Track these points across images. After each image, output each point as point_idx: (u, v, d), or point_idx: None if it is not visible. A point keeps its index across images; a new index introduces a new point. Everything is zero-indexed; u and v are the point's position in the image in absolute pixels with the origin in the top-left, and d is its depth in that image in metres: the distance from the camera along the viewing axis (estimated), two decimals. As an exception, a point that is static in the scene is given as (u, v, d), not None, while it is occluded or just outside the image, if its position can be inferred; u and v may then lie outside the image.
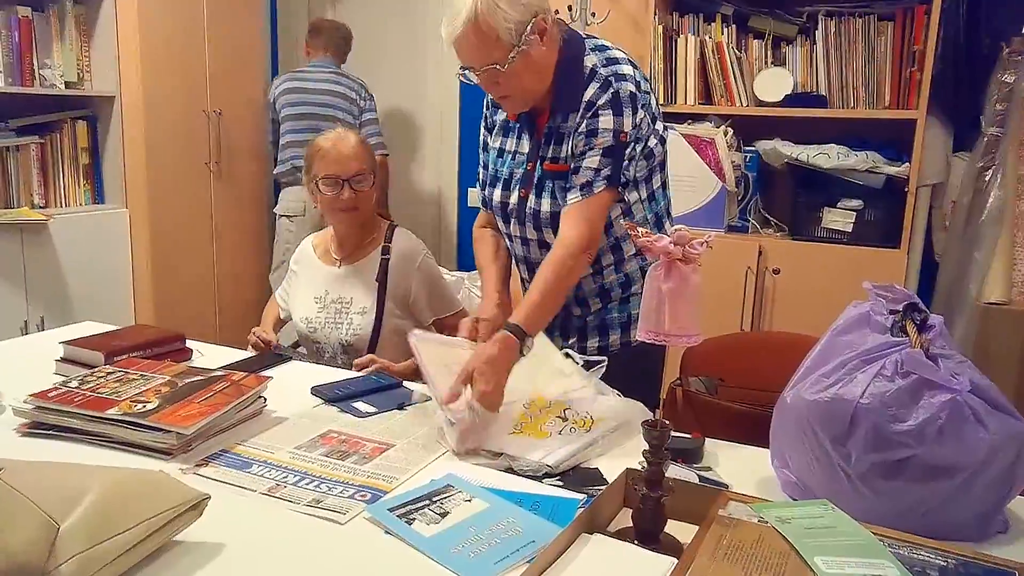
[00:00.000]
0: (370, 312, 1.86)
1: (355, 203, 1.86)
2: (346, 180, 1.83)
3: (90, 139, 3.17)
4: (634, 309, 1.60)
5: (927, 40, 2.61)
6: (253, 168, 3.67)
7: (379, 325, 1.85)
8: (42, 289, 2.89)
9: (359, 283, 1.90)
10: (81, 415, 1.24)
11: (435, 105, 3.99)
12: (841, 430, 1.01)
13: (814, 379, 1.06)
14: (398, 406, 1.44)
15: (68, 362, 1.60)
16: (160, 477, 0.97)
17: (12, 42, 2.83)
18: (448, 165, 4.01)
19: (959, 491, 0.97)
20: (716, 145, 2.89)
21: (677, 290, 0.98)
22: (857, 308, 1.10)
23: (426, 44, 4.02)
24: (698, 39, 2.94)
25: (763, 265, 2.85)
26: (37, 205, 3.01)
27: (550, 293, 1.42)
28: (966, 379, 0.98)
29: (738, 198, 2.99)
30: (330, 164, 1.84)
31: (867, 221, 2.77)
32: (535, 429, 1.30)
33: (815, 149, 2.82)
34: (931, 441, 0.95)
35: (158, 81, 3.15)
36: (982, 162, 2.65)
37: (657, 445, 0.95)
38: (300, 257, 2.02)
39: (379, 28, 4.44)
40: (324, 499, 1.08)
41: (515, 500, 1.08)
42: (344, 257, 1.94)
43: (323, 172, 1.84)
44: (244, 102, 3.57)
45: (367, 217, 1.92)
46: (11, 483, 0.84)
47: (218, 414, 1.25)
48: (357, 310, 1.88)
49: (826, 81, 2.84)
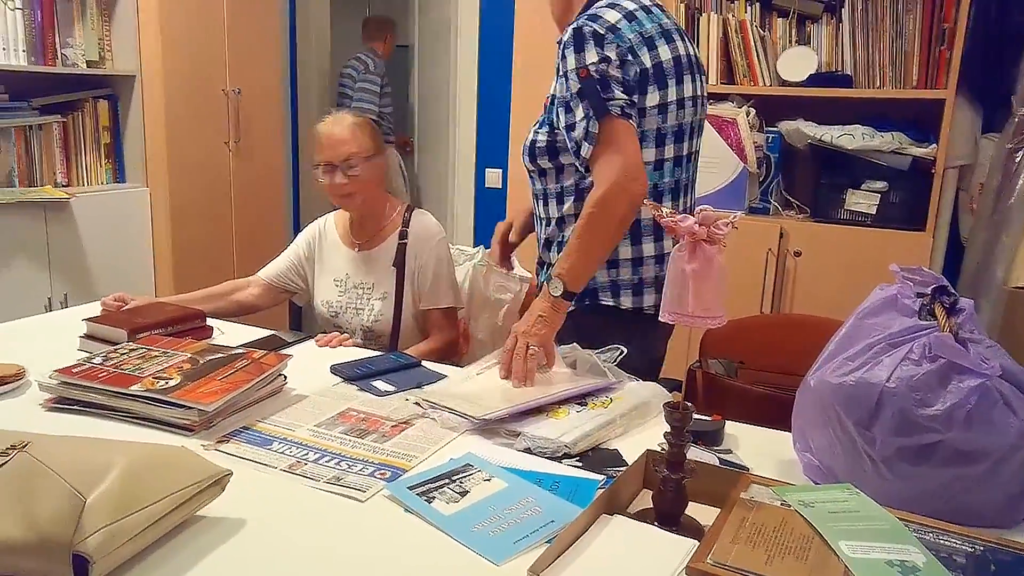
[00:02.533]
0: (390, 297, 1.85)
1: (350, 189, 1.82)
2: (338, 166, 1.81)
3: (111, 118, 3.18)
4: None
5: (958, 18, 2.55)
6: (272, 147, 3.68)
7: (399, 312, 1.84)
8: (65, 266, 2.92)
9: (379, 268, 1.88)
10: (105, 391, 1.25)
11: (455, 86, 3.97)
12: (866, 414, 0.99)
13: (839, 362, 1.05)
14: (417, 385, 1.44)
15: (92, 339, 1.61)
16: (183, 452, 0.98)
17: (35, 21, 2.84)
18: (466, 145, 3.99)
19: (986, 477, 0.95)
20: (738, 125, 2.85)
21: (702, 271, 0.97)
22: (884, 291, 1.08)
23: (448, 26, 4.00)
24: (721, 17, 2.89)
25: (784, 247, 2.82)
26: (60, 184, 3.03)
27: (580, 242, 1.42)
28: (996, 364, 0.97)
29: (760, 179, 2.95)
30: (324, 150, 1.83)
31: (891, 203, 2.73)
32: (553, 410, 1.29)
33: (839, 130, 2.77)
34: (959, 426, 0.94)
35: (178, 60, 3.15)
36: (1012, 143, 2.60)
37: (679, 427, 0.95)
38: (322, 236, 2.00)
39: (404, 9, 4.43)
40: (344, 477, 1.09)
41: (534, 480, 1.08)
42: (363, 241, 1.92)
43: (317, 159, 1.83)
44: (263, 81, 3.57)
45: (370, 202, 1.88)
46: (38, 457, 0.85)
47: (239, 391, 1.26)
48: (379, 295, 1.87)
49: (852, 60, 2.78)
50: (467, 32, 3.82)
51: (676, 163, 1.56)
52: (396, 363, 1.55)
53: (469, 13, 3.79)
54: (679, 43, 1.53)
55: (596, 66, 1.42)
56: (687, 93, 1.53)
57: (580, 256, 1.41)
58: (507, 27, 3.38)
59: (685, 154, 1.57)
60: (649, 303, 1.57)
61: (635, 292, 1.57)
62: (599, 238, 1.41)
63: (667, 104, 1.49)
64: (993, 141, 2.72)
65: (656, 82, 1.47)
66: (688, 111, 1.54)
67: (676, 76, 1.50)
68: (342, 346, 1.68)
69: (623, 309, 1.57)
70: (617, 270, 1.56)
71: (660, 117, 1.49)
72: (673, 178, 1.56)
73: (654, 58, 1.47)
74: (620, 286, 1.56)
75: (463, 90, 3.91)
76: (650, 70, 1.46)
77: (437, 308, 1.88)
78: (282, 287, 2.03)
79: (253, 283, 2.03)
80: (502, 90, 3.56)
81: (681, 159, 1.56)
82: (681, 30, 1.58)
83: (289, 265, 2.02)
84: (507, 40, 3.37)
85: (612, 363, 1.44)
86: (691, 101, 1.55)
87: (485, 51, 3.82)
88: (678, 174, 1.57)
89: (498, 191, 3.93)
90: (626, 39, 1.44)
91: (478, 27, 3.81)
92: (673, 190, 1.57)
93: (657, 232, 1.55)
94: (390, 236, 1.89)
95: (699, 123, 1.61)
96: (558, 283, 1.40)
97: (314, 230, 2.01)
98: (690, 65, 1.55)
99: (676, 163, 1.56)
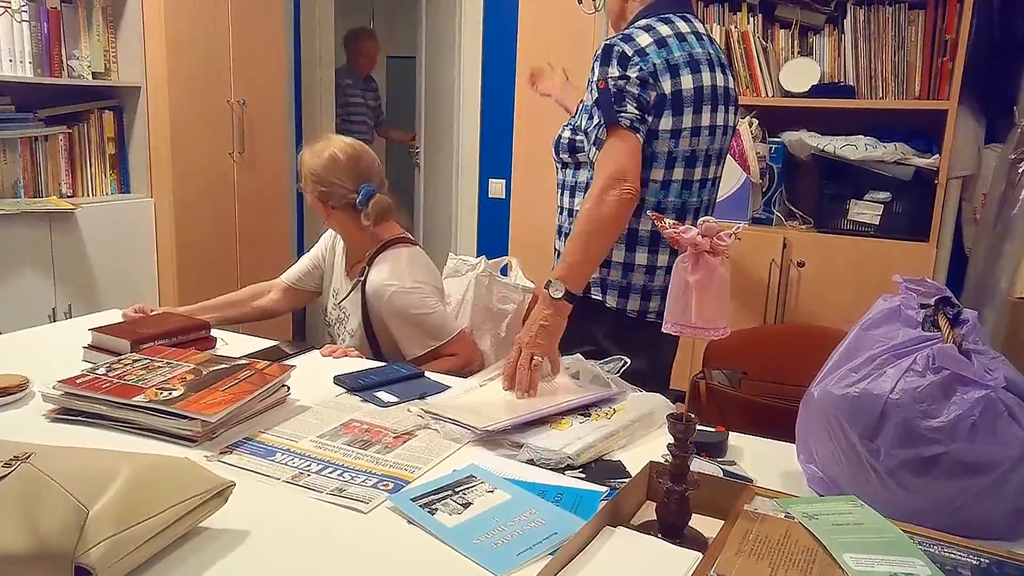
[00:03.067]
0: (358, 335, 1.84)
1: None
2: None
3: (116, 129, 3.20)
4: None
5: (959, 29, 2.56)
6: (276, 157, 3.69)
7: (375, 344, 1.83)
8: (70, 277, 2.93)
9: (351, 302, 1.87)
10: (108, 402, 1.25)
11: (459, 96, 3.98)
12: (870, 425, 0.99)
13: (842, 373, 1.04)
14: (420, 395, 1.44)
15: (95, 349, 1.61)
16: (186, 463, 0.98)
17: (41, 33, 2.87)
18: (470, 155, 4.00)
19: (991, 489, 0.95)
20: (741, 136, 2.86)
21: (704, 282, 0.97)
22: (887, 302, 1.08)
23: (452, 36, 4.02)
24: (723, 29, 2.90)
25: (788, 258, 2.82)
26: (65, 194, 3.05)
27: (576, 241, 1.49)
28: (1000, 375, 0.96)
29: (763, 190, 2.95)
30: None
31: (895, 213, 2.73)
32: (556, 421, 1.29)
33: (842, 140, 2.78)
34: (963, 438, 0.93)
35: (183, 71, 3.17)
36: (1015, 154, 2.60)
37: (683, 439, 0.94)
38: (335, 244, 2.01)
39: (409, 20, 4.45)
40: (347, 488, 1.08)
41: (538, 492, 1.08)
42: (348, 267, 1.92)
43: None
44: (267, 91, 3.59)
45: (340, 232, 1.91)
46: (41, 468, 0.85)
47: (242, 402, 1.26)
48: (350, 329, 1.87)
49: (854, 71, 2.79)
50: (471, 43, 3.84)
51: (684, 186, 1.60)
52: (399, 374, 1.55)
53: (473, 24, 3.81)
54: (707, 73, 1.57)
55: (615, 81, 1.51)
56: (705, 122, 1.57)
57: (575, 254, 1.48)
58: (511, 38, 3.40)
59: (697, 179, 1.61)
60: (632, 307, 1.65)
61: (621, 294, 1.64)
62: (590, 235, 1.49)
63: (681, 130, 1.55)
64: (996, 151, 2.72)
65: (672, 108, 1.53)
66: (704, 139, 1.58)
67: (695, 105, 1.55)
68: (346, 356, 1.69)
69: (608, 307, 1.65)
70: (608, 270, 1.64)
71: (672, 141, 1.55)
72: (680, 199, 1.61)
73: (675, 85, 1.53)
74: (608, 285, 1.65)
75: (467, 100, 3.92)
76: (668, 96, 1.52)
77: (444, 342, 1.79)
78: (304, 288, 2.05)
79: (275, 287, 2.05)
80: (506, 101, 3.57)
81: (691, 183, 1.61)
82: (718, 61, 1.61)
83: (312, 265, 2.03)
84: (511, 51, 3.38)
85: (615, 374, 1.44)
86: (710, 130, 1.59)
87: (489, 61, 3.84)
88: (686, 196, 1.61)
89: (501, 201, 3.94)
90: (651, 63, 1.51)
91: (481, 38, 3.83)
92: (679, 210, 1.61)
93: (652, 244, 1.61)
94: (360, 274, 1.85)
95: (719, 152, 1.64)
96: (558, 285, 1.45)
97: (333, 235, 2.03)
98: (715, 96, 1.59)
99: (684, 186, 1.60)
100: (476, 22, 3.80)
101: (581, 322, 1.56)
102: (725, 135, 1.64)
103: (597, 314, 1.66)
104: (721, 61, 1.63)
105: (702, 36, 1.60)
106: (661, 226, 0.99)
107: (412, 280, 1.78)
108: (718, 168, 1.68)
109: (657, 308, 1.65)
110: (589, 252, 1.49)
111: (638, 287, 1.63)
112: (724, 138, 1.64)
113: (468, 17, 3.83)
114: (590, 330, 1.64)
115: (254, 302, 2.03)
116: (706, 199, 1.66)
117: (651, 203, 1.59)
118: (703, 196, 1.65)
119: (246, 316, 2.00)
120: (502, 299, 2.08)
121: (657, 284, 1.64)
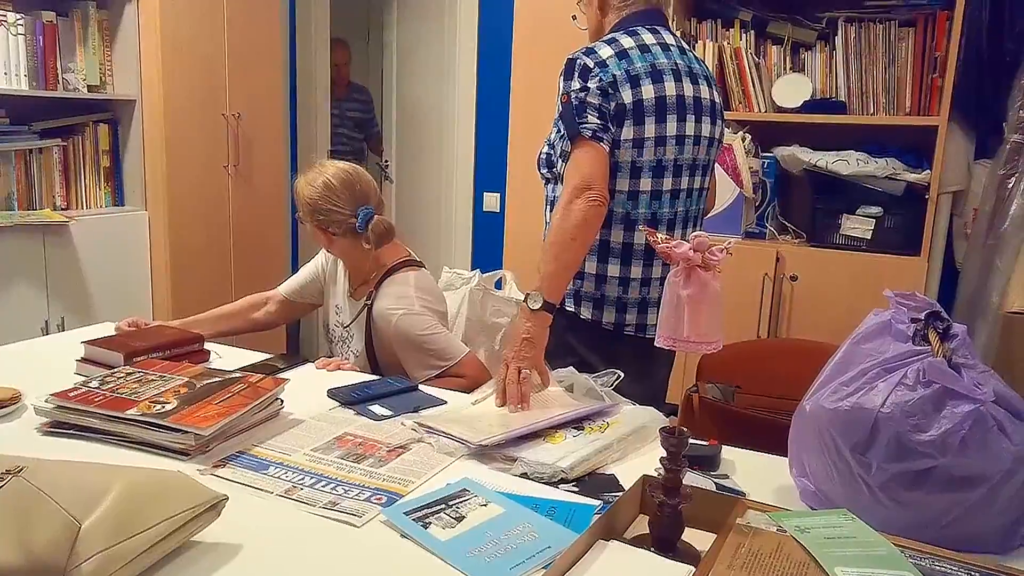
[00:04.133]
0: (362, 357, 1.83)
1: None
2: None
3: (111, 142, 3.20)
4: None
5: (949, 46, 2.59)
6: (271, 171, 3.70)
7: (377, 368, 1.82)
8: (63, 290, 2.92)
9: (356, 324, 1.86)
10: (101, 415, 1.25)
11: (454, 110, 4.00)
12: (861, 439, 1.00)
13: (834, 387, 1.05)
14: (413, 409, 1.44)
15: (88, 362, 1.61)
16: (179, 477, 0.97)
17: (37, 47, 2.87)
18: (464, 169, 4.02)
19: (982, 502, 0.95)
20: (734, 151, 2.88)
21: (697, 297, 0.97)
22: (878, 316, 1.09)
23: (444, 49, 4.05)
24: (716, 45, 2.93)
25: (780, 272, 2.84)
26: (59, 207, 3.04)
27: (549, 251, 1.51)
28: (990, 389, 0.97)
29: (756, 204, 2.97)
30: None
31: (887, 228, 2.75)
32: (550, 434, 1.29)
33: (834, 155, 2.80)
34: (954, 452, 0.94)
35: (178, 84, 3.18)
36: (1004, 169, 2.63)
37: (675, 452, 0.95)
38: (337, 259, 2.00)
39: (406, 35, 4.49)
40: (340, 501, 1.08)
41: (531, 505, 1.08)
42: (353, 288, 1.91)
43: None
44: (264, 105, 3.60)
45: (342, 256, 1.89)
46: (33, 482, 0.85)
47: (236, 416, 1.26)
48: (355, 348, 1.86)
49: (846, 87, 2.82)
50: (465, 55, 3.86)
51: (654, 196, 1.60)
52: (393, 387, 1.55)
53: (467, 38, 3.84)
54: (672, 83, 1.57)
55: (576, 94, 1.54)
56: (671, 132, 1.57)
57: (548, 264, 1.50)
58: (505, 53, 3.42)
59: (667, 189, 1.61)
60: (608, 319, 1.66)
61: (595, 306, 1.66)
62: (561, 245, 1.51)
63: (643, 139, 1.56)
64: (986, 167, 2.75)
65: (633, 118, 1.55)
66: (671, 148, 1.58)
67: (657, 114, 1.55)
68: (340, 370, 1.68)
69: (583, 319, 1.66)
70: (582, 282, 1.65)
71: (635, 151, 1.56)
72: (649, 210, 1.61)
73: (635, 95, 1.54)
74: (582, 297, 1.66)
75: (461, 114, 3.94)
76: (628, 106, 1.54)
77: (452, 364, 1.74)
78: (302, 302, 2.04)
79: (271, 299, 2.04)
80: (500, 115, 3.59)
81: (661, 193, 1.61)
82: (687, 72, 1.61)
83: (311, 277, 2.02)
84: (505, 66, 3.41)
85: (609, 387, 1.44)
86: (676, 140, 1.58)
87: (484, 76, 3.87)
88: (656, 207, 1.61)
89: (496, 215, 3.95)
90: (610, 74, 1.54)
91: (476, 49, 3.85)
92: (649, 222, 1.61)
93: (625, 255, 1.63)
94: (364, 298, 1.84)
95: (692, 162, 1.63)
96: (536, 296, 1.47)
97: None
98: (681, 105, 1.58)
99: (654, 196, 1.60)
100: (471, 36, 3.83)
101: (560, 335, 1.58)
102: (697, 145, 1.63)
103: (575, 326, 1.67)
104: (692, 72, 1.62)
105: (670, 47, 1.61)
106: (653, 240, 0.99)
107: (420, 303, 1.77)
108: (696, 179, 1.66)
109: (635, 321, 1.65)
110: (561, 261, 1.50)
111: (612, 299, 1.64)
112: (696, 148, 1.63)
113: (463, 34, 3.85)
114: (569, 342, 1.65)
115: (250, 315, 2.02)
116: (681, 210, 1.65)
117: (620, 214, 1.60)
118: (677, 207, 1.64)
119: (241, 329, 1.99)
120: (496, 313, 2.09)
121: (632, 296, 1.64)
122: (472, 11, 3.81)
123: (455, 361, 1.74)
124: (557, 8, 2.92)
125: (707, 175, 1.71)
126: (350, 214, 1.78)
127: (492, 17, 3.79)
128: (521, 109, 3.30)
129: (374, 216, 1.79)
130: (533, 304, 1.47)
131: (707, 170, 1.70)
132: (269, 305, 2.04)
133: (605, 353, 1.64)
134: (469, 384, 1.70)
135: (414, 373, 1.74)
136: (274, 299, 2.04)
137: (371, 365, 1.83)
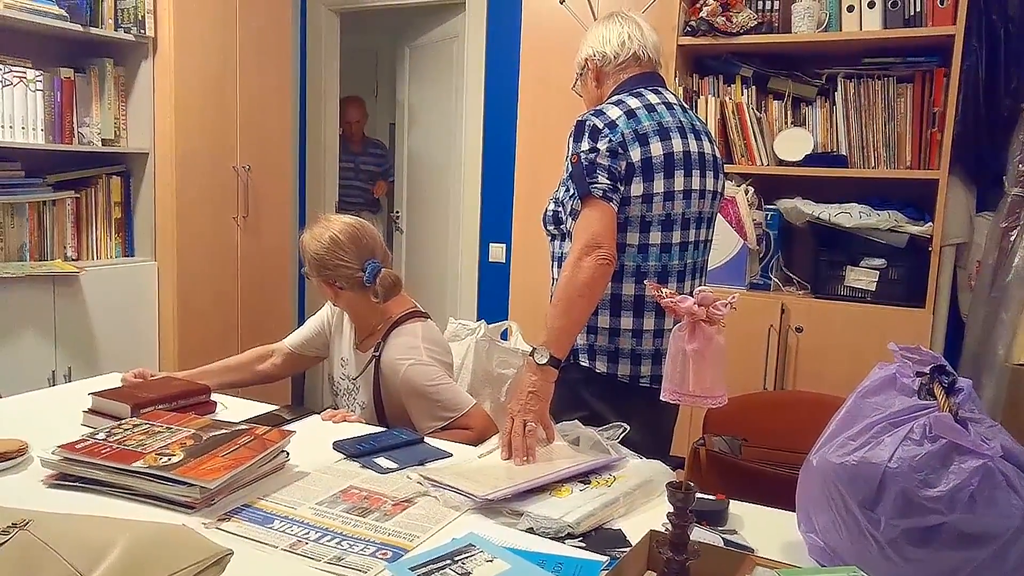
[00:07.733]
0: (369, 408, 1.83)
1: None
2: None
3: (123, 193, 3.26)
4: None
5: (947, 101, 2.64)
6: (280, 222, 3.75)
7: (383, 419, 1.82)
8: (71, 340, 2.94)
9: (363, 376, 1.86)
10: (107, 467, 1.25)
11: (460, 160, 4.07)
12: (869, 494, 0.99)
13: (840, 442, 1.05)
14: (419, 462, 1.44)
15: (95, 413, 1.61)
16: (185, 531, 0.97)
17: (55, 102, 2.95)
18: (470, 220, 4.06)
19: (992, 560, 0.94)
20: (737, 203, 2.91)
21: (701, 351, 0.98)
22: (883, 370, 1.10)
23: (452, 107, 4.13)
24: (718, 100, 2.99)
25: (786, 323, 2.84)
26: (70, 257, 3.08)
27: (557, 307, 1.53)
28: (997, 444, 0.97)
29: (760, 256, 2.99)
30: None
31: (890, 280, 2.76)
32: (556, 488, 1.29)
33: (836, 208, 2.83)
34: (962, 508, 0.93)
35: (190, 138, 3.25)
36: (1006, 222, 2.65)
37: (682, 508, 0.94)
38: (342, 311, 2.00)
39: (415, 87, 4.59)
40: (345, 556, 1.08)
41: (537, 561, 1.07)
42: (359, 341, 1.91)
43: None
44: (273, 157, 3.67)
45: (346, 309, 1.89)
46: (39, 535, 0.84)
47: (241, 468, 1.26)
48: (360, 401, 1.87)
49: (846, 141, 2.86)
50: (473, 111, 3.94)
51: (664, 249, 1.64)
52: (399, 439, 1.54)
53: (474, 93, 3.92)
54: (678, 140, 1.63)
55: (586, 155, 1.57)
56: (679, 187, 1.63)
57: (556, 319, 1.52)
58: (511, 110, 3.48)
59: (676, 242, 1.66)
60: (624, 372, 1.67)
61: (610, 360, 1.67)
62: (569, 301, 1.53)
63: (652, 195, 1.61)
64: (987, 220, 2.77)
65: (642, 175, 1.59)
66: (680, 203, 1.63)
67: (665, 170, 1.61)
68: (345, 421, 1.68)
69: (598, 373, 1.67)
70: (595, 336, 1.67)
71: (645, 206, 1.61)
72: (659, 262, 1.65)
73: (644, 153, 1.59)
74: (596, 351, 1.67)
75: (468, 166, 4.00)
76: (637, 164, 1.59)
77: (459, 415, 1.73)
78: (307, 354, 2.05)
79: (278, 352, 2.05)
80: (506, 166, 3.64)
81: (670, 246, 1.65)
82: (691, 128, 1.67)
83: (317, 331, 2.03)
84: (510, 122, 3.47)
85: (615, 440, 1.44)
86: (684, 194, 1.64)
87: (490, 127, 3.93)
88: (666, 259, 1.65)
89: (502, 266, 3.97)
90: (620, 134, 1.58)
91: (483, 105, 3.93)
92: (660, 273, 1.65)
93: (637, 307, 1.65)
94: (371, 349, 1.84)
95: (698, 215, 1.69)
96: (543, 351, 1.48)
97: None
98: (688, 161, 1.64)
99: (664, 249, 1.64)
100: (478, 89, 3.91)
101: (574, 389, 1.59)
102: (703, 199, 1.68)
103: (589, 380, 1.68)
104: (695, 128, 1.69)
105: (673, 106, 1.67)
106: (658, 296, 1.01)
107: (428, 354, 1.77)
108: (701, 231, 1.71)
109: (649, 372, 1.67)
110: (570, 317, 1.53)
111: (626, 352, 1.66)
112: (702, 201, 1.68)
113: (470, 90, 3.94)
114: (583, 397, 1.66)
115: (256, 367, 2.03)
116: (690, 262, 1.70)
117: (631, 267, 1.63)
118: (685, 259, 1.69)
119: (247, 381, 2.00)
120: (502, 364, 2.09)
121: (646, 348, 1.66)
122: (479, 71, 3.91)
123: (462, 412, 1.73)
124: (560, 70, 2.99)
125: (711, 227, 1.76)
126: (357, 268, 1.80)
127: (498, 77, 3.88)
128: (526, 162, 3.35)
129: (382, 269, 1.80)
130: (540, 359, 1.48)
131: (711, 222, 1.76)
132: (275, 357, 2.05)
133: (618, 405, 1.65)
134: (476, 436, 1.69)
135: (421, 423, 1.73)
136: (280, 351, 2.05)
137: (378, 417, 1.83)
